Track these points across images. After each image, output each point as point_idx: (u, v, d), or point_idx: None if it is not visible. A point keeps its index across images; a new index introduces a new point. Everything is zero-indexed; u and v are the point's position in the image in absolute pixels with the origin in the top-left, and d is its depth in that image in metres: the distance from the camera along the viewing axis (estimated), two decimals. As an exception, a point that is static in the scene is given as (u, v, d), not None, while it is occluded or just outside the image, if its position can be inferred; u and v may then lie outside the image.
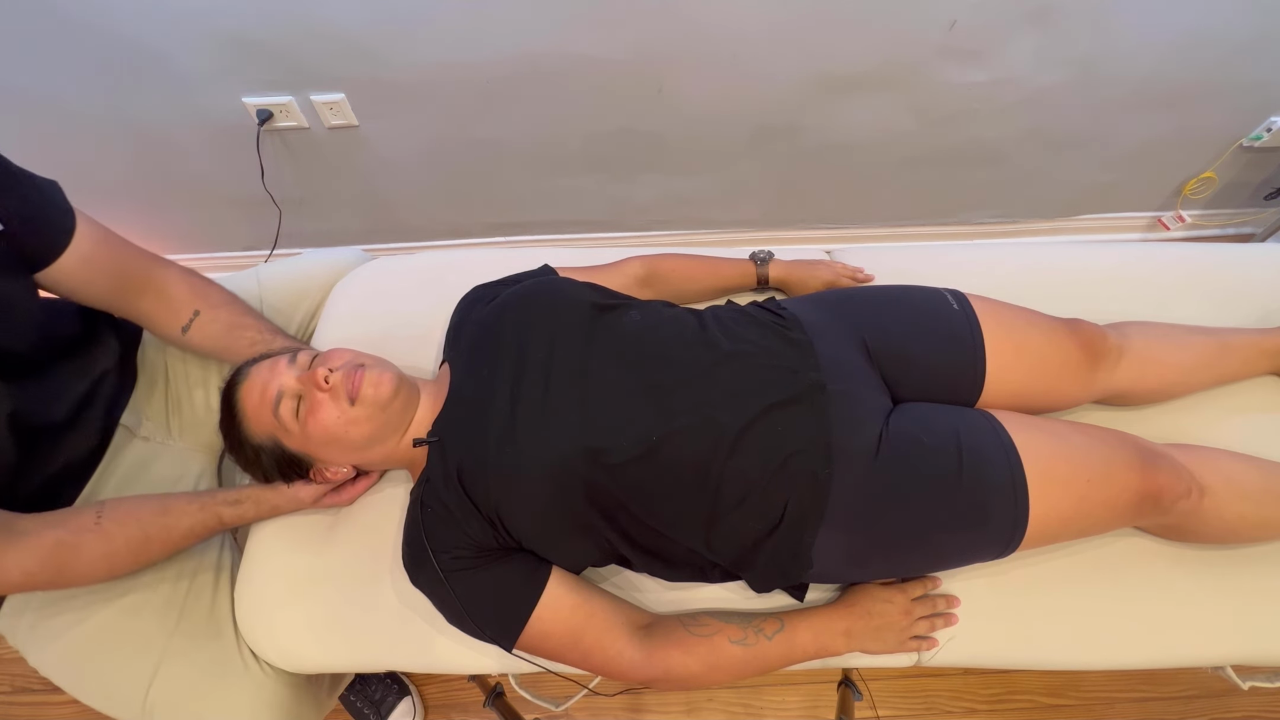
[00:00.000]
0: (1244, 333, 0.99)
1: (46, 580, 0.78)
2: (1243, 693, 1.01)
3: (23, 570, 0.74)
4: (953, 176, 1.65)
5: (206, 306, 0.97)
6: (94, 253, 0.86)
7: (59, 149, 1.46)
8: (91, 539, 0.78)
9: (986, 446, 0.79)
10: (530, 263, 1.03)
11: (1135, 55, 1.34)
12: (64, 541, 0.76)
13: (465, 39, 1.29)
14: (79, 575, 0.80)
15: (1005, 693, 1.35)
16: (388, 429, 0.82)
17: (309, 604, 0.90)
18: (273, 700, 0.91)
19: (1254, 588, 0.87)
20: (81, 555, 0.78)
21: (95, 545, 0.78)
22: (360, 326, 1.10)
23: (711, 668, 0.79)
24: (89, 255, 0.85)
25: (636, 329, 0.86)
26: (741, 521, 0.77)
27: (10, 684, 1.42)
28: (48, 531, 0.76)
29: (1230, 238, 1.83)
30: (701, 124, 1.48)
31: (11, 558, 0.73)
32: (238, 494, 0.89)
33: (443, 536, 0.77)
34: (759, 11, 1.24)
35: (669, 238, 1.84)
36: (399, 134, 1.51)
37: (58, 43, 1.29)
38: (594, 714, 1.36)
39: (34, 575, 0.75)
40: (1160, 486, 0.80)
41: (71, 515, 0.79)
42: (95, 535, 0.78)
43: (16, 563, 0.73)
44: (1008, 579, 0.87)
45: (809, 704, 1.36)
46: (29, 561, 0.74)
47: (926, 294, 0.94)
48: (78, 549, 0.77)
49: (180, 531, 0.85)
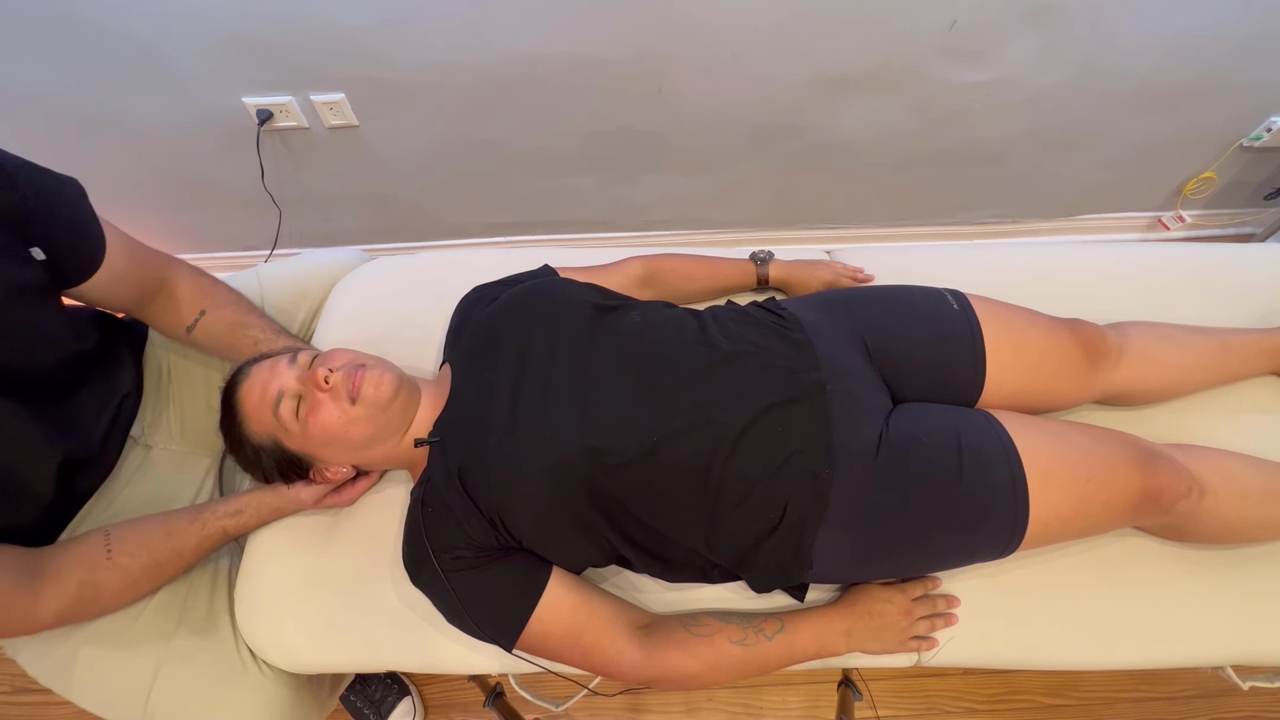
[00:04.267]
0: (1244, 333, 0.99)
1: (74, 618, 0.81)
2: (1243, 693, 1.01)
3: (54, 613, 0.77)
4: (953, 176, 1.65)
5: (212, 306, 0.97)
6: (121, 266, 0.87)
7: (59, 149, 1.45)
8: (108, 575, 0.80)
9: (986, 446, 0.79)
10: (530, 263, 1.03)
11: (1135, 55, 1.34)
12: (85, 582, 0.79)
13: (465, 39, 1.29)
14: (103, 609, 0.84)
15: (1005, 693, 1.35)
16: (388, 429, 0.82)
17: (309, 604, 0.90)
18: (273, 701, 0.91)
19: (1254, 588, 0.87)
20: (104, 592, 0.81)
21: (113, 581, 0.81)
22: (360, 326, 1.10)
23: (711, 668, 0.79)
24: (117, 270, 0.86)
25: (637, 329, 0.86)
26: (742, 522, 0.77)
27: (10, 684, 1.42)
28: (67, 572, 0.78)
29: (1230, 238, 1.83)
30: (701, 124, 1.48)
31: (45, 605, 0.76)
32: (238, 503, 0.89)
33: (443, 536, 0.77)
34: (759, 11, 1.24)
35: (669, 238, 1.84)
36: (399, 134, 1.51)
37: (58, 43, 1.29)
38: (594, 714, 1.36)
39: (64, 615, 0.78)
40: (1160, 486, 0.80)
41: (83, 552, 0.80)
42: (110, 571, 0.80)
43: (48, 608, 0.76)
44: (1008, 579, 0.87)
45: (809, 704, 1.36)
46: (59, 606, 0.77)
47: (926, 294, 0.94)
48: (99, 587, 0.80)
49: (188, 551, 0.86)
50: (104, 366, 0.94)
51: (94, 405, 0.91)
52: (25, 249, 0.74)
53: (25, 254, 0.74)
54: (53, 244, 0.77)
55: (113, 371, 0.96)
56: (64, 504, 0.86)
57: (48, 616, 0.76)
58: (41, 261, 0.76)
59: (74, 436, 0.85)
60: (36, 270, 0.75)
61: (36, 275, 0.75)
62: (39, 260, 0.76)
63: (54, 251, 0.77)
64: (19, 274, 0.73)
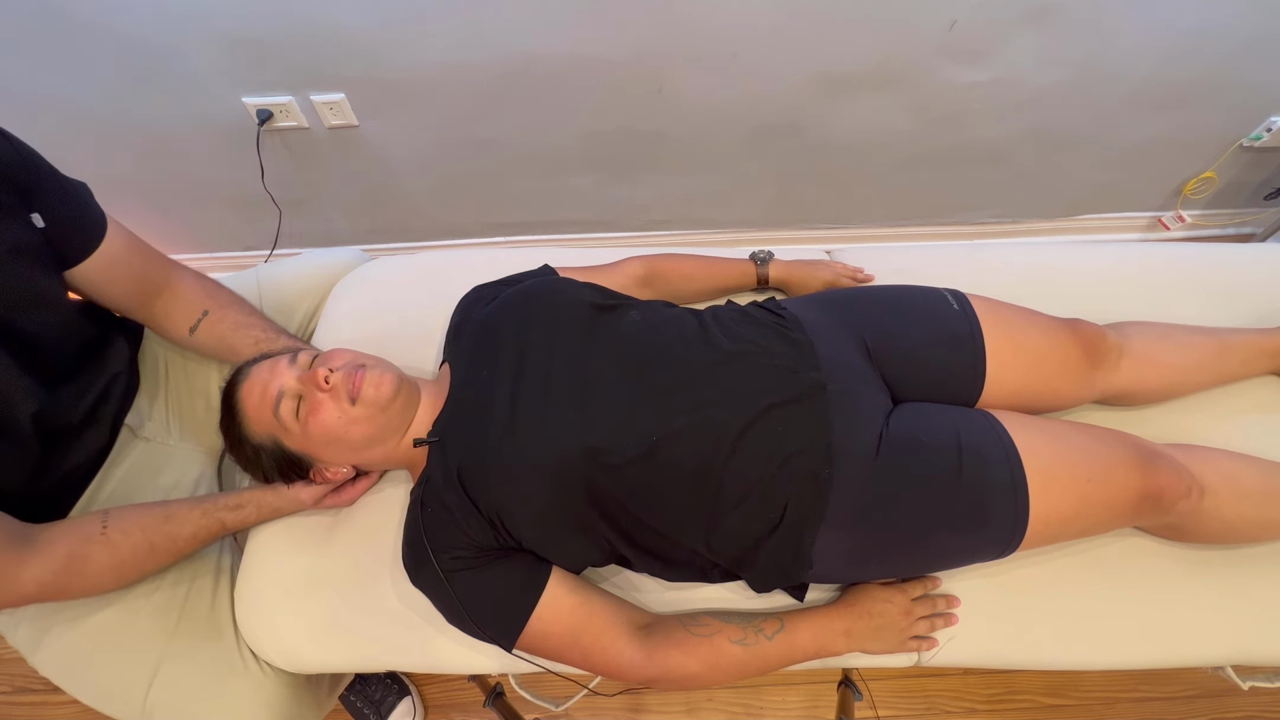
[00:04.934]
0: (1243, 333, 0.99)
1: (57, 591, 0.79)
2: (1243, 693, 1.01)
3: (37, 582, 0.75)
4: (953, 176, 1.65)
5: (215, 307, 0.98)
6: (121, 254, 0.88)
7: (59, 149, 1.44)
8: (99, 550, 0.79)
9: (986, 446, 0.79)
10: (530, 263, 1.03)
11: (1135, 55, 1.34)
12: (74, 553, 0.78)
13: (465, 39, 1.29)
14: (88, 586, 0.82)
15: (1005, 693, 1.35)
16: (388, 429, 0.82)
17: (309, 604, 0.90)
18: (273, 701, 0.90)
19: (1254, 588, 0.87)
20: (90, 566, 0.79)
21: (103, 556, 0.80)
22: (360, 326, 1.10)
23: (711, 668, 0.79)
24: (117, 256, 0.87)
25: (637, 329, 0.86)
26: (742, 522, 0.77)
27: (10, 684, 1.42)
28: (59, 542, 0.77)
29: (1230, 238, 1.83)
30: (701, 124, 1.48)
31: (28, 571, 0.74)
32: (239, 498, 0.89)
33: (443, 536, 0.77)
34: (759, 11, 1.24)
35: (669, 238, 1.84)
36: (399, 134, 1.51)
37: (58, 42, 1.29)
38: (594, 714, 1.36)
39: (46, 587, 0.76)
40: (1160, 486, 0.80)
41: (78, 525, 0.80)
42: (102, 546, 0.79)
43: (33, 576, 0.75)
44: (1008, 579, 0.87)
45: (809, 704, 1.36)
46: (43, 574, 0.75)
47: (926, 294, 0.94)
48: (87, 560, 0.79)
49: (184, 538, 0.86)
50: (97, 343, 0.94)
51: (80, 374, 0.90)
52: (26, 214, 0.76)
53: (25, 218, 0.76)
54: (53, 215, 0.79)
55: (106, 349, 0.96)
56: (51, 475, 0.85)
57: (30, 585, 0.75)
58: (41, 229, 0.78)
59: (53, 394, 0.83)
60: (36, 235, 0.77)
61: (36, 239, 0.77)
62: (39, 227, 0.78)
63: (53, 222, 0.79)
64: (19, 235, 0.75)
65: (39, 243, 0.78)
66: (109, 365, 0.95)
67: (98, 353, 0.94)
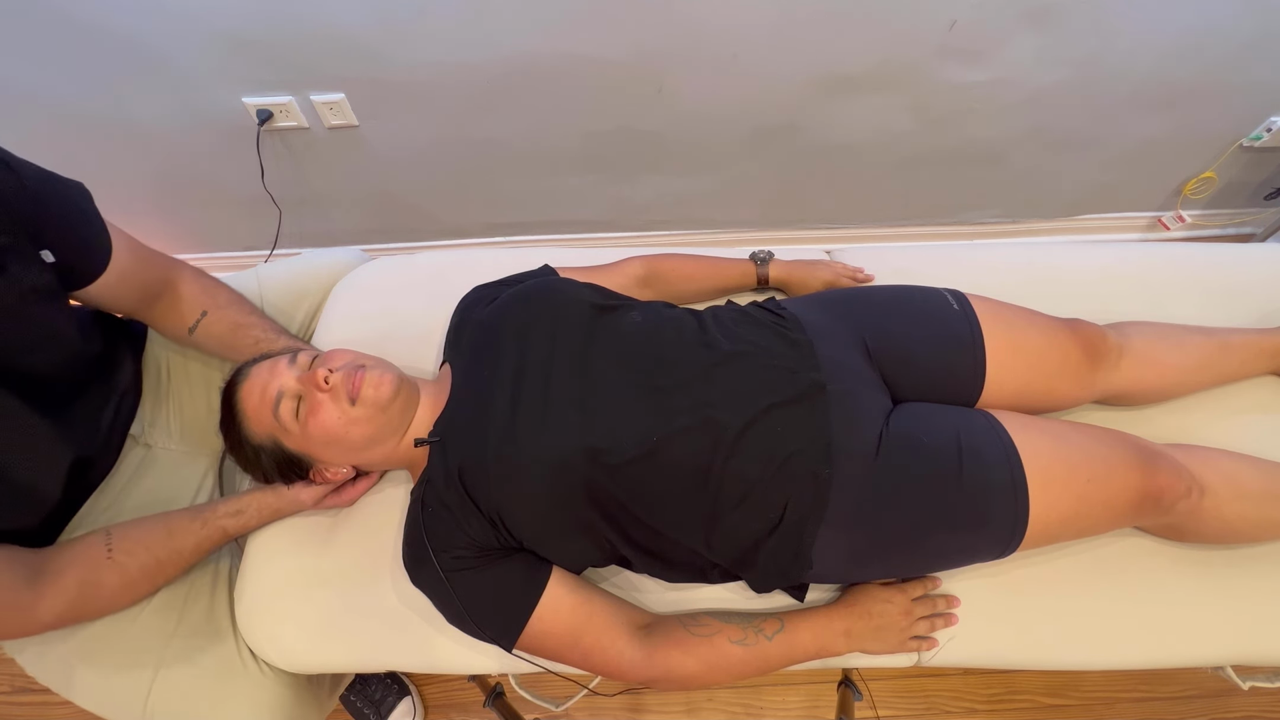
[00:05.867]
0: (1243, 333, 0.99)
1: (74, 618, 0.81)
2: (1243, 693, 1.01)
3: (54, 614, 0.77)
4: (953, 176, 1.65)
5: (214, 307, 0.98)
6: (127, 268, 0.87)
7: (59, 149, 1.45)
8: (108, 573, 0.80)
9: (986, 446, 0.79)
10: (530, 263, 1.03)
11: (1135, 55, 1.34)
12: (85, 580, 0.79)
13: (465, 39, 1.29)
14: (103, 608, 0.83)
15: (1005, 693, 1.35)
16: (388, 429, 0.82)
17: (309, 604, 0.90)
18: (273, 701, 0.91)
19: (1254, 588, 0.87)
20: (103, 591, 0.81)
21: (113, 579, 0.81)
22: (360, 326, 1.10)
23: (712, 668, 0.79)
24: (123, 272, 0.87)
25: (637, 329, 0.86)
26: (741, 522, 0.77)
27: (10, 684, 1.42)
28: (68, 572, 0.78)
29: (1230, 238, 1.83)
30: (701, 124, 1.48)
31: (44, 604, 0.75)
32: (238, 503, 0.89)
33: (443, 536, 0.77)
34: (759, 11, 1.24)
35: (669, 238, 1.84)
36: (399, 134, 1.51)
37: (58, 43, 1.29)
38: (594, 714, 1.36)
39: (63, 616, 0.78)
40: (1160, 486, 0.80)
41: (83, 550, 0.80)
42: (110, 569, 0.80)
43: (49, 608, 0.76)
44: (1008, 579, 0.87)
45: (809, 704, 1.36)
46: (58, 605, 0.77)
47: (926, 294, 0.94)
48: (99, 585, 0.80)
49: (188, 551, 0.86)
50: (106, 365, 0.94)
51: (97, 404, 0.91)
52: (36, 252, 0.75)
53: (36, 257, 0.75)
54: (62, 246, 0.78)
55: (114, 369, 0.96)
56: (66, 504, 0.86)
57: (48, 617, 0.76)
58: (51, 264, 0.77)
59: (82, 436, 0.85)
60: (47, 273, 0.76)
61: (47, 278, 0.76)
62: (49, 263, 0.76)
63: (63, 254, 0.78)
64: (32, 277, 0.74)
65: (50, 280, 0.77)
66: (118, 385, 0.96)
67: (109, 376, 0.95)
